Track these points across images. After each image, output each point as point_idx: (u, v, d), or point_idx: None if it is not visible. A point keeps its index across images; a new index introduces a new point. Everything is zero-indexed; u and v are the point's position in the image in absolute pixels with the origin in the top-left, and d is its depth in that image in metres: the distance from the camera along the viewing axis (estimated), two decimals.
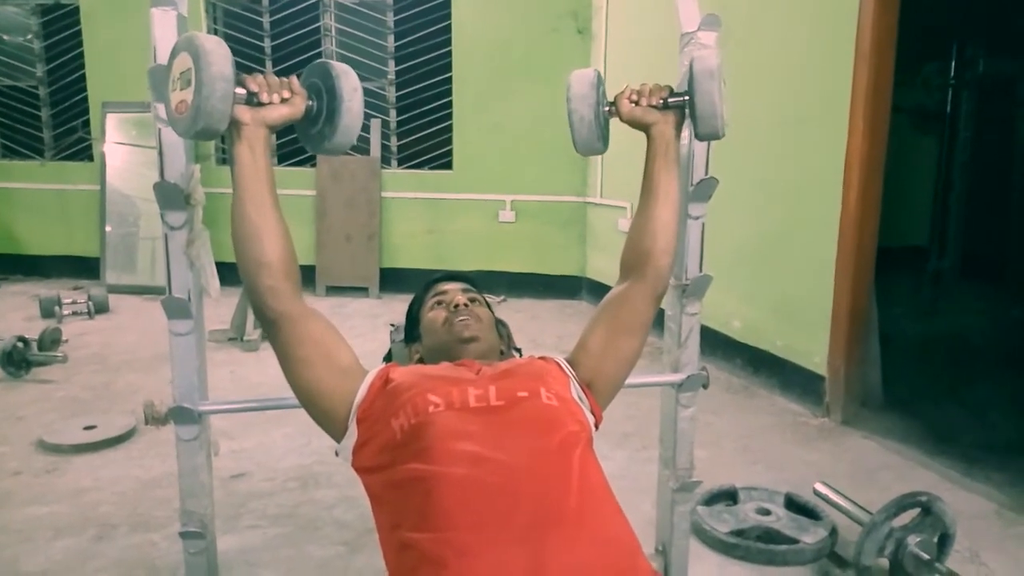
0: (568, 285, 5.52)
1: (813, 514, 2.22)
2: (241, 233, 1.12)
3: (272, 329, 1.16)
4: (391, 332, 1.74)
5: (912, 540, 1.84)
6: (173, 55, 1.08)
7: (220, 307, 4.75)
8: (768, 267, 3.52)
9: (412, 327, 1.52)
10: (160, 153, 1.31)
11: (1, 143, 6.21)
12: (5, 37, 6.07)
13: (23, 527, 2.22)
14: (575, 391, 1.27)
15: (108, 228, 5.69)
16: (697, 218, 1.55)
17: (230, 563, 2.01)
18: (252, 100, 1.10)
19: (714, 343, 3.68)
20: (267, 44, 5.66)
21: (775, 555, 2.05)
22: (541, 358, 1.35)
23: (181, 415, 1.39)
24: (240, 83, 1.09)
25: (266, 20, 5.63)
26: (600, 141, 1.29)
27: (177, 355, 1.37)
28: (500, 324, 1.54)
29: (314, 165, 5.59)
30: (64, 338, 4.07)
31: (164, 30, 1.26)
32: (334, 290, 5.57)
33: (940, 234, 5.69)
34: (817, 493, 2.21)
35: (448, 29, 5.40)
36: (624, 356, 1.31)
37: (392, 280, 5.54)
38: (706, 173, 1.52)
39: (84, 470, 2.61)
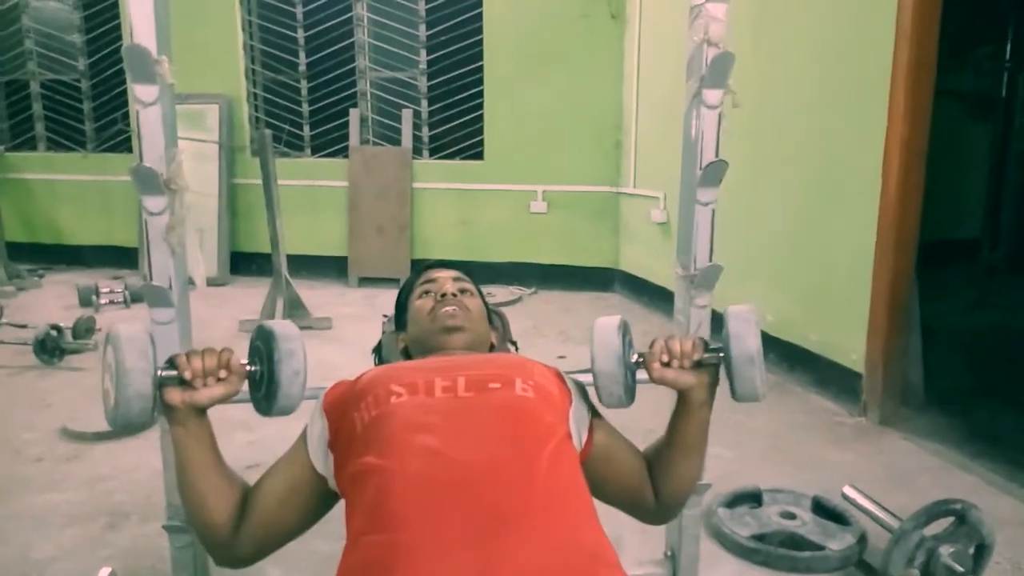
0: (601, 277, 5.42)
1: (842, 519, 2.10)
2: (185, 497, 1.13)
3: (236, 555, 1.16)
4: (383, 323, 1.68)
5: (945, 550, 1.72)
6: (106, 343, 1.07)
7: (251, 299, 4.80)
8: (802, 257, 3.38)
9: (400, 315, 1.46)
10: (138, 136, 1.27)
11: (45, 136, 6.36)
12: (53, 32, 6.19)
13: (38, 513, 2.24)
14: (577, 407, 1.18)
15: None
16: (706, 204, 1.44)
17: None
18: (184, 383, 1.06)
19: None
20: (300, 35, 5.67)
21: (798, 561, 1.95)
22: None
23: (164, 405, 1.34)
24: (173, 365, 1.06)
25: (299, 10, 5.64)
26: (628, 400, 1.17)
27: (159, 344, 1.32)
28: (496, 315, 1.46)
29: (346, 156, 5.59)
30: (98, 327, 4.13)
31: (139, 7, 1.21)
32: (366, 281, 5.57)
33: (993, 226, 5.44)
34: (845, 497, 2.09)
35: (479, 17, 5.34)
36: (596, 485, 1.21)
37: None
38: (716, 155, 1.41)
39: (104, 458, 2.63)
